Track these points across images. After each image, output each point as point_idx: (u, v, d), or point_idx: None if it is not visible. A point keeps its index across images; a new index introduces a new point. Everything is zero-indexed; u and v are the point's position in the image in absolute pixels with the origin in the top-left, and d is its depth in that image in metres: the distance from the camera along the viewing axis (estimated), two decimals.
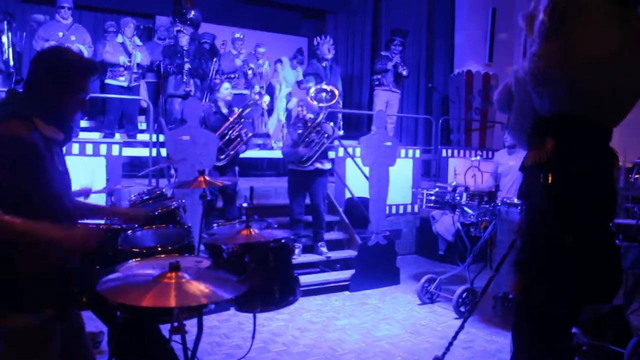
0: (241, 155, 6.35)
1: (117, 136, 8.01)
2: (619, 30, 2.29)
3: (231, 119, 5.96)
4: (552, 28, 2.32)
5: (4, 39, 7.14)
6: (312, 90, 6.28)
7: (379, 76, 9.38)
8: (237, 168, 6.84)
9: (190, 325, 2.01)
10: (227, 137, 5.96)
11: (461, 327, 3.77)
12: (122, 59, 7.76)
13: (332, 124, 6.13)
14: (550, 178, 2.31)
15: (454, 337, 3.75)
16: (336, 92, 6.12)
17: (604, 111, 2.36)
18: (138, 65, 7.91)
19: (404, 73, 9.34)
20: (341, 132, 8.76)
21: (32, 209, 1.87)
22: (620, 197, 5.12)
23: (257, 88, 7.19)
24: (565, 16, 2.30)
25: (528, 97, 2.45)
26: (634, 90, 2.40)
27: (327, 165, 6.24)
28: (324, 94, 6.02)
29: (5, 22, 7.16)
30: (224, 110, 6.14)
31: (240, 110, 6.09)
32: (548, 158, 2.31)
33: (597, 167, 2.35)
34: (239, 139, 5.98)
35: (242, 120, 6.05)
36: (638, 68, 2.35)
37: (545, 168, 2.32)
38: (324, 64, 8.92)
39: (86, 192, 2.86)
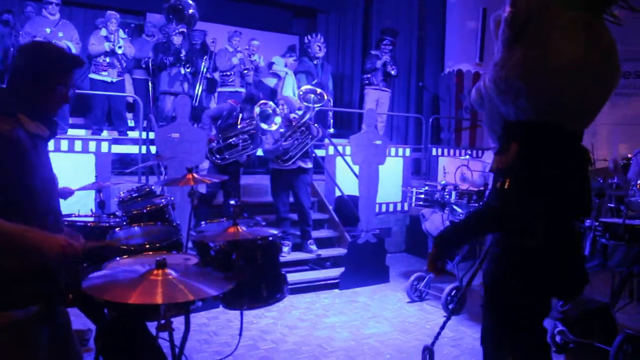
0: None
1: (105, 133, 7.97)
2: (584, 37, 2.25)
3: (240, 125, 5.93)
4: (512, 37, 2.31)
5: None
6: (302, 88, 6.28)
7: (369, 75, 9.40)
8: (242, 169, 6.83)
9: (178, 322, 2.01)
10: (229, 141, 5.93)
11: (448, 318, 3.79)
12: (107, 45, 7.69)
13: (316, 124, 6.12)
14: (507, 184, 2.31)
15: (442, 327, 3.78)
16: (325, 96, 6.11)
17: (570, 117, 2.34)
18: (123, 55, 7.82)
19: (393, 72, 9.34)
20: (331, 130, 8.78)
21: (16, 208, 1.86)
22: (608, 196, 5.14)
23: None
24: (528, 24, 2.28)
25: (495, 104, 2.45)
26: (599, 97, 2.38)
27: (309, 165, 6.24)
28: (312, 95, 6.00)
29: None
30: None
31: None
32: (511, 163, 2.31)
33: (563, 169, 2.34)
34: (239, 147, 5.95)
35: (251, 132, 6.00)
36: (603, 75, 2.32)
37: (505, 173, 2.33)
38: (315, 62, 8.92)
39: (67, 193, 2.81)
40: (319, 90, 6.06)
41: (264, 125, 5.71)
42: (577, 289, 2.51)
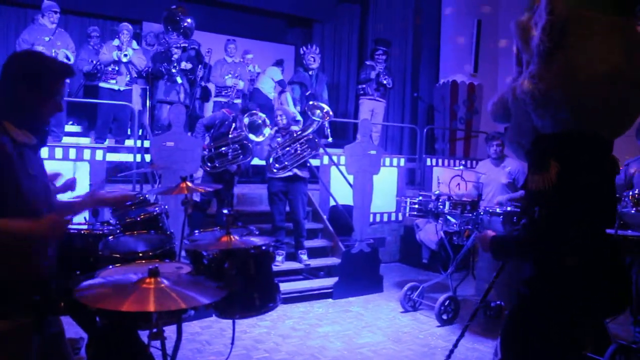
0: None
1: (107, 142, 7.97)
2: (621, 42, 2.17)
3: (231, 136, 5.95)
4: (551, 47, 2.20)
5: None
6: (310, 102, 6.33)
7: (364, 85, 9.43)
8: (237, 177, 6.83)
9: (171, 331, 2.01)
10: (220, 149, 5.94)
11: (461, 336, 3.77)
12: (115, 54, 7.74)
13: (316, 140, 6.15)
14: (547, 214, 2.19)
15: (455, 345, 3.75)
16: (331, 113, 6.14)
17: (609, 126, 2.26)
18: (131, 62, 7.87)
19: (385, 82, 9.33)
20: (330, 140, 8.79)
21: (1, 214, 1.86)
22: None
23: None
24: (564, 33, 2.17)
25: (527, 117, 2.34)
26: (639, 105, 2.29)
27: (306, 174, 6.26)
28: (318, 111, 6.04)
29: None
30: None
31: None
32: (553, 185, 2.17)
33: (600, 182, 2.25)
34: (229, 156, 5.96)
35: (242, 142, 6.01)
36: None
37: (547, 195, 2.19)
38: (310, 73, 8.96)
39: (71, 183, 2.77)
40: (326, 109, 6.08)
41: (252, 136, 5.75)
42: (619, 308, 2.36)
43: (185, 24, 8.34)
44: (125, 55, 7.78)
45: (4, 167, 1.89)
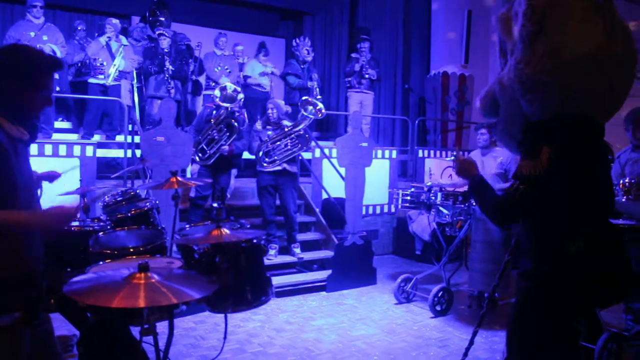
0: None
1: (97, 137, 7.90)
2: (602, 22, 2.18)
3: (213, 120, 5.91)
4: (533, 31, 2.21)
5: None
6: (303, 98, 6.30)
7: (350, 78, 9.40)
8: (234, 170, 6.78)
9: (164, 327, 2.00)
10: (208, 136, 5.91)
11: (475, 333, 3.74)
12: (102, 39, 7.69)
13: (307, 135, 6.12)
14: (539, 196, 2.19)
15: (470, 343, 3.72)
16: (323, 110, 6.10)
17: (599, 107, 2.25)
18: (120, 71, 7.84)
19: (367, 76, 9.26)
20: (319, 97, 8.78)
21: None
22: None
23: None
24: (546, 17, 2.19)
25: (516, 104, 2.33)
26: (625, 81, 2.29)
27: (295, 169, 6.24)
28: (311, 107, 6.00)
29: None
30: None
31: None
32: (544, 169, 2.16)
33: (594, 168, 2.24)
34: (215, 137, 5.91)
35: (227, 122, 5.97)
36: (626, 58, 2.24)
37: (537, 180, 2.17)
38: (302, 66, 8.93)
39: (53, 176, 2.76)
40: (319, 106, 6.06)
41: (225, 104, 5.78)
42: (617, 299, 2.37)
43: (162, 18, 8.43)
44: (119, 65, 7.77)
45: (2, 162, 1.88)
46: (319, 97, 8.42)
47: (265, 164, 6.00)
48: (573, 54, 2.16)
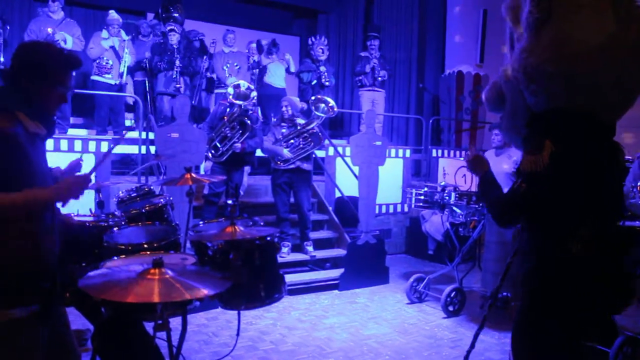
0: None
1: (111, 133, 7.96)
2: (613, 11, 2.10)
3: (226, 118, 5.92)
4: (540, 19, 2.14)
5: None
6: (313, 98, 6.31)
7: (361, 77, 9.36)
8: (247, 168, 6.79)
9: (177, 323, 2.00)
10: (222, 133, 5.93)
11: (479, 332, 3.69)
12: (105, 43, 7.71)
13: (320, 133, 6.13)
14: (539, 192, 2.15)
15: (474, 341, 3.67)
16: (335, 108, 6.12)
17: (606, 103, 2.16)
18: (128, 67, 7.87)
19: (379, 78, 9.20)
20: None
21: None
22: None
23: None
24: (553, 4, 2.12)
25: (520, 96, 2.28)
26: (636, 77, 2.19)
27: (309, 167, 6.23)
28: (322, 105, 6.01)
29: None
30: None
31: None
32: (545, 165, 2.11)
33: (600, 167, 2.17)
34: (228, 134, 5.92)
35: (240, 120, 5.99)
36: (639, 51, 2.14)
37: (541, 176, 2.13)
38: (317, 64, 8.92)
39: (76, 164, 2.76)
40: (331, 103, 6.06)
41: (238, 101, 5.81)
42: (623, 301, 2.29)
43: (176, 14, 8.45)
44: (125, 62, 7.79)
45: (19, 156, 1.91)
46: (327, 82, 8.43)
47: (279, 162, 6.01)
48: (580, 45, 2.09)
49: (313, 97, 6.29)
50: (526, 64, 2.18)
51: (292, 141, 6.01)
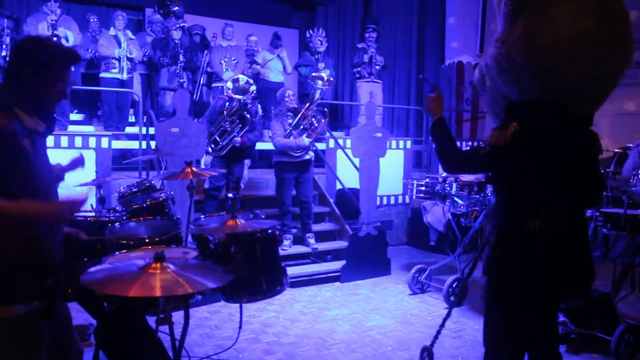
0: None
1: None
2: (590, 6, 2.10)
3: (225, 112, 5.92)
4: (514, 11, 2.16)
5: (7, 39, 7.36)
6: (313, 74, 6.40)
7: (359, 68, 9.35)
8: (247, 161, 6.78)
9: (180, 316, 2.01)
10: (221, 128, 5.92)
11: (448, 315, 3.76)
12: (117, 52, 7.70)
13: (324, 109, 6.19)
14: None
15: (442, 326, 3.74)
16: (332, 78, 6.19)
17: (578, 96, 2.17)
18: (131, 59, 7.85)
19: (377, 66, 9.23)
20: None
21: (15, 200, 1.86)
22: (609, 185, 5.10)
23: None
24: None
25: (497, 84, 2.32)
26: (610, 73, 2.20)
27: (312, 155, 6.24)
28: (320, 82, 6.06)
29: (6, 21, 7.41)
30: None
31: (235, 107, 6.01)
32: (506, 143, 2.15)
33: (570, 154, 2.19)
34: (227, 128, 5.92)
35: (239, 114, 5.99)
36: (613, 47, 2.15)
37: (501, 151, 2.19)
38: (316, 57, 8.91)
39: (79, 160, 2.76)
40: (326, 77, 6.12)
41: (237, 96, 5.81)
42: (582, 286, 2.34)
43: (175, 8, 8.42)
44: (132, 53, 7.77)
45: (18, 152, 1.90)
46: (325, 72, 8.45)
47: (298, 152, 5.99)
48: (550, 38, 2.10)
49: (313, 74, 6.38)
50: (498, 53, 2.22)
51: (301, 127, 6.01)
